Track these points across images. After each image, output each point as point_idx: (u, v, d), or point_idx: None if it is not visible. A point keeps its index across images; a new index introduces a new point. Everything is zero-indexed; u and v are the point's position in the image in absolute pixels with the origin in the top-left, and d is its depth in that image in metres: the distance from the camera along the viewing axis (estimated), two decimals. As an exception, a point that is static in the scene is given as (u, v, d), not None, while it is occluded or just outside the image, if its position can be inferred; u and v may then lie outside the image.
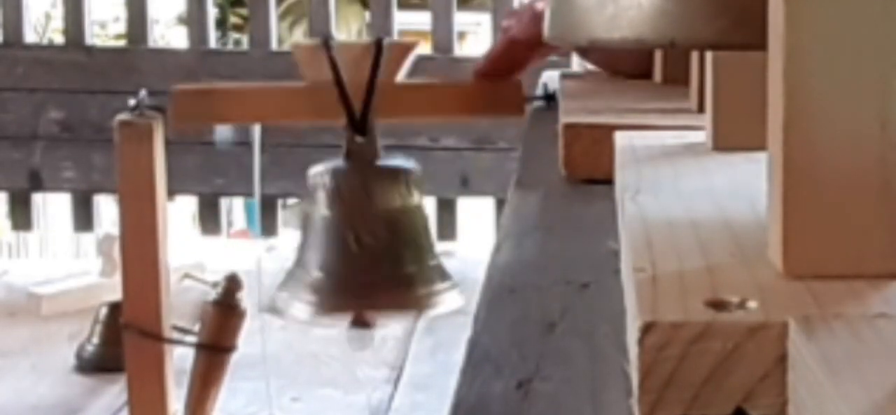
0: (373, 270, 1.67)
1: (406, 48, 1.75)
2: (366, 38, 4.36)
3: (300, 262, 1.71)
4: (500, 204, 3.20)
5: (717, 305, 0.43)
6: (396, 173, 1.72)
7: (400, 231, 1.69)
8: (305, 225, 1.74)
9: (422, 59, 1.81)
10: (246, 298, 2.00)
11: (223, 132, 1.88)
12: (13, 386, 2.83)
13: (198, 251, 3.51)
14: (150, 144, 1.77)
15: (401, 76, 1.73)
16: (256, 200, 2.26)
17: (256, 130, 2.38)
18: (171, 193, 2.14)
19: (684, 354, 0.41)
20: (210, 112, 1.81)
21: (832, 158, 0.47)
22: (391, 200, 1.69)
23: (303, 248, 1.72)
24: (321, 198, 1.69)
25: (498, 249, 0.72)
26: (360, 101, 1.69)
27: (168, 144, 1.83)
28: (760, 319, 0.42)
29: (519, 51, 1.64)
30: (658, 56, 1.25)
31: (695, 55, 0.97)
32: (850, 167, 0.47)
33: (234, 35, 5.27)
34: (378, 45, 1.69)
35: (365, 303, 1.70)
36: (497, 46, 1.75)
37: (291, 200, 4.37)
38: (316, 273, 1.67)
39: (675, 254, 0.50)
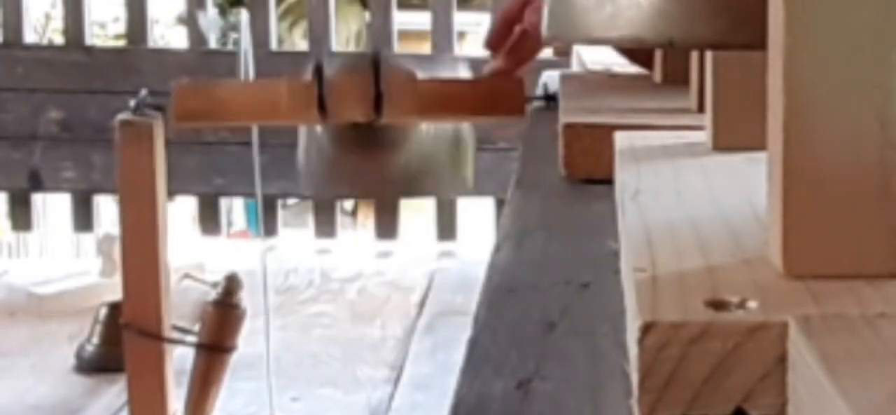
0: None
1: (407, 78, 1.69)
2: (362, 49, 4.34)
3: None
4: (500, 204, 3.20)
5: (717, 305, 0.43)
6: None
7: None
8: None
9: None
10: (246, 298, 2.01)
11: (210, 18, 1.83)
12: (13, 386, 2.83)
13: (198, 251, 3.51)
14: (150, 143, 1.77)
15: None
16: (258, 200, 2.25)
17: (256, 132, 2.38)
18: (171, 193, 2.14)
19: (684, 354, 0.41)
20: (212, 109, 1.81)
21: (832, 158, 0.47)
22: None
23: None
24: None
25: (498, 249, 0.72)
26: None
27: (168, 144, 1.82)
28: (760, 319, 0.42)
29: (531, 43, 1.52)
30: (658, 56, 1.24)
31: (695, 55, 0.97)
32: (850, 167, 0.47)
33: (234, 35, 5.27)
34: (375, 60, 1.63)
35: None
36: (512, 40, 1.66)
37: (291, 200, 4.37)
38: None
39: (675, 254, 0.50)
